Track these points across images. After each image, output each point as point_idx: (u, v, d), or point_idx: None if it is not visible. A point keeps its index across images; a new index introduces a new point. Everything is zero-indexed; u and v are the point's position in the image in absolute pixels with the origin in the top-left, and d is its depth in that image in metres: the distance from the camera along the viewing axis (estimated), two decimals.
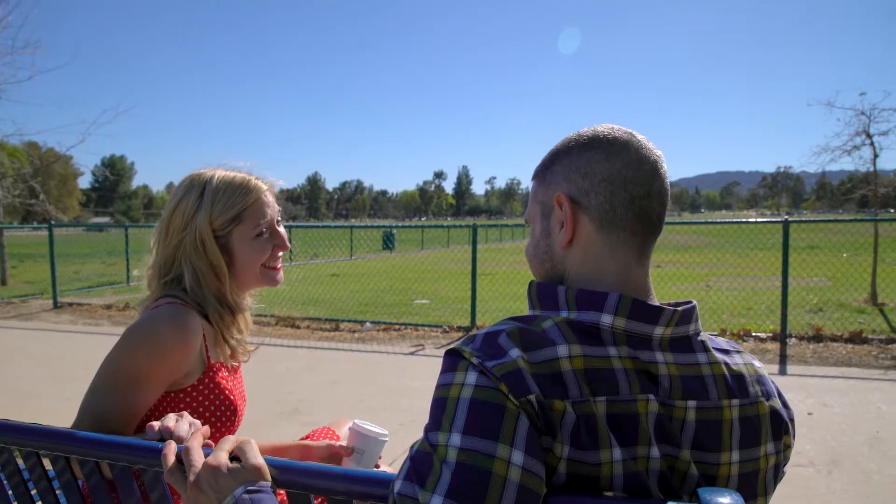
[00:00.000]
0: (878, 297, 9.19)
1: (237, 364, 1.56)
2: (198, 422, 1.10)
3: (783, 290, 7.01)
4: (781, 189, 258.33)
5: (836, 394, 4.97)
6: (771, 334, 7.13)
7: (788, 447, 0.94)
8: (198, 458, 0.93)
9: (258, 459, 0.92)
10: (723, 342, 0.94)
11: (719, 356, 0.89)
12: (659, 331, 0.85)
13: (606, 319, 0.83)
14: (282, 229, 1.50)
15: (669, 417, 0.81)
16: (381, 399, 5.01)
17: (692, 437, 0.82)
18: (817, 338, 6.94)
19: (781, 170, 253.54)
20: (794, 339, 6.96)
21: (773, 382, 0.96)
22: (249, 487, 0.86)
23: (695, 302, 0.91)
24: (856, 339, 6.81)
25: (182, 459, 0.94)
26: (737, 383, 0.88)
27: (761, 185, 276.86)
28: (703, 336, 0.91)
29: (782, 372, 5.75)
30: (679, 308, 0.87)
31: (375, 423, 1.56)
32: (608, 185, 0.89)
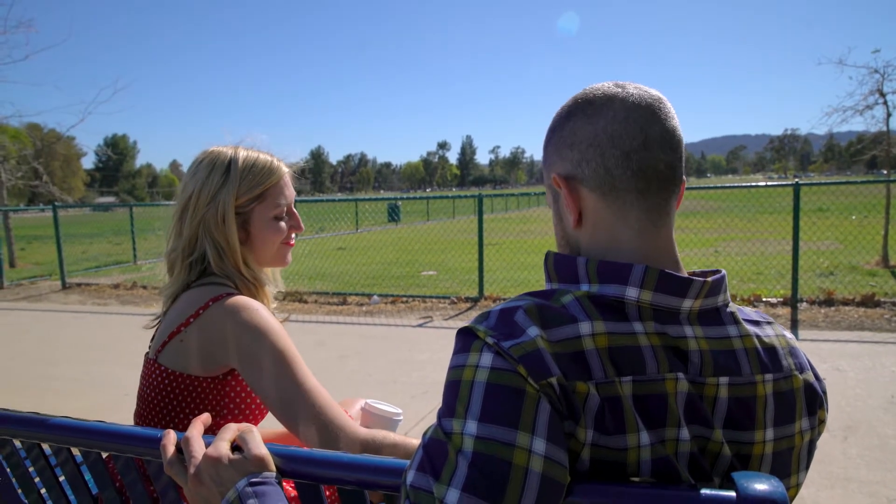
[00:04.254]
0: (889, 259, 9.09)
1: None
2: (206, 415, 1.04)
3: (794, 253, 6.93)
4: (788, 152, 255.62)
5: (850, 358, 4.92)
6: (781, 299, 7.07)
7: (822, 422, 0.89)
8: (198, 449, 0.88)
9: (261, 449, 0.87)
10: (752, 313, 0.88)
11: (750, 328, 0.83)
12: (687, 303, 0.78)
13: (632, 293, 0.77)
14: (296, 211, 1.51)
15: (700, 396, 0.75)
16: (390, 372, 4.99)
17: (724, 416, 0.77)
18: (829, 302, 6.88)
19: (789, 132, 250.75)
20: (805, 304, 6.90)
21: (804, 354, 0.90)
22: (253, 479, 0.81)
23: (724, 271, 0.84)
24: (868, 302, 6.74)
25: (182, 450, 0.90)
26: (769, 356, 0.83)
27: (768, 148, 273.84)
28: (732, 307, 0.85)
29: (794, 337, 5.70)
30: (709, 279, 0.80)
31: (386, 398, 1.52)
32: (595, 147, 0.81)
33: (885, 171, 9.72)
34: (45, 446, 1.17)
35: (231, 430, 0.90)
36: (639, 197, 0.82)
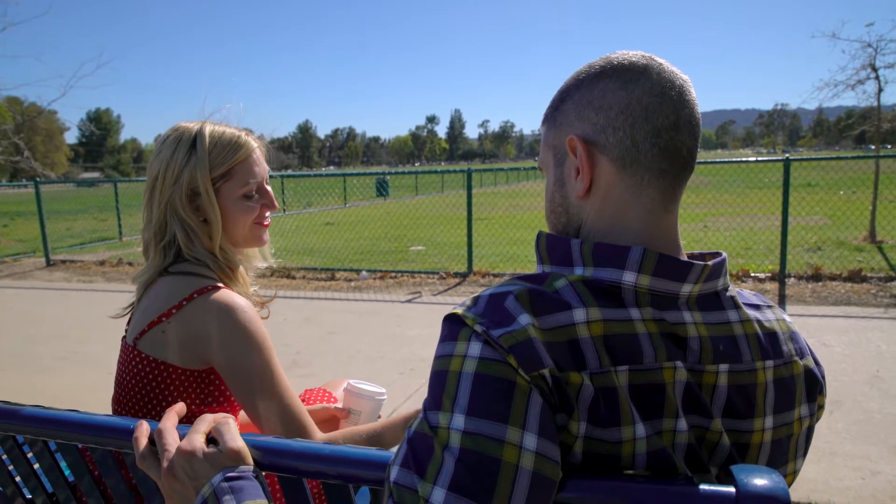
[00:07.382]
0: (876, 234, 9.13)
1: None
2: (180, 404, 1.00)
3: (783, 229, 6.93)
4: (778, 127, 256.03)
5: (836, 333, 4.95)
6: (769, 274, 7.09)
7: (821, 408, 0.86)
8: (171, 441, 0.83)
9: (236, 442, 0.82)
10: (752, 296, 0.85)
11: (751, 313, 0.80)
12: (687, 288, 0.74)
13: (629, 278, 0.72)
14: (269, 188, 1.42)
15: (699, 385, 0.72)
16: (379, 348, 4.97)
17: (723, 405, 0.74)
18: (816, 277, 6.91)
19: (779, 107, 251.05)
20: (792, 279, 6.93)
21: (804, 339, 0.87)
22: (228, 474, 0.77)
23: (724, 254, 0.80)
24: (855, 277, 6.77)
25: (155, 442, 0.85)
26: (770, 342, 0.79)
27: (757, 122, 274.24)
28: (732, 291, 0.81)
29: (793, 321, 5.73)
30: (709, 262, 0.76)
31: (375, 374, 1.50)
32: (627, 117, 0.76)
33: (873, 147, 9.72)
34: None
35: (206, 422, 0.85)
36: (658, 176, 0.77)
